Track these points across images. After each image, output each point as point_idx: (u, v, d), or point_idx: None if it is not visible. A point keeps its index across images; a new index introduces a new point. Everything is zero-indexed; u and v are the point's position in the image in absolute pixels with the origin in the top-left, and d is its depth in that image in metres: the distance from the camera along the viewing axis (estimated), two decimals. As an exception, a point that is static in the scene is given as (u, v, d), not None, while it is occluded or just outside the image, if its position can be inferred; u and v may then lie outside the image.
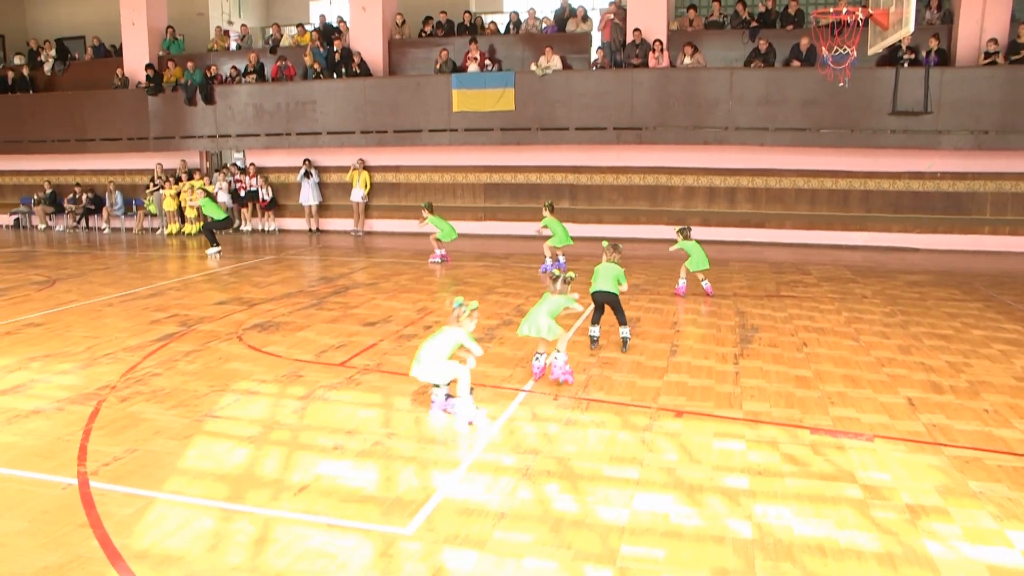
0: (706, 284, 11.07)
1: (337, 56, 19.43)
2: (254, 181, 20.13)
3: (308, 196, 19.81)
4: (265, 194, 20.13)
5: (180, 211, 20.34)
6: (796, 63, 16.59)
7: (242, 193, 20.29)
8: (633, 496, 4.79)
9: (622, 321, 8.15)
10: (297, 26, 21.91)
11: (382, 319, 9.75)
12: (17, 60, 23.68)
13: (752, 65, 16.66)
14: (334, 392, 6.87)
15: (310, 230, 20.12)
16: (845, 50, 11.68)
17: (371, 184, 19.60)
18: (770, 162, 17.15)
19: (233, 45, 21.99)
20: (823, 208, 17.09)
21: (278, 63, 19.89)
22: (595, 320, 8.30)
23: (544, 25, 19.48)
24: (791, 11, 17.69)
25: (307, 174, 19.59)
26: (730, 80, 16.48)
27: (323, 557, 4.12)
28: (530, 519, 4.51)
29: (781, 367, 7.57)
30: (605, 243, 8.57)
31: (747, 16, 17.87)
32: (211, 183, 20.18)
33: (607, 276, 8.07)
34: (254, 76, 20.04)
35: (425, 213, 14.33)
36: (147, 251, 17.24)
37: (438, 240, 14.45)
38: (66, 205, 22.15)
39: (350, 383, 7.12)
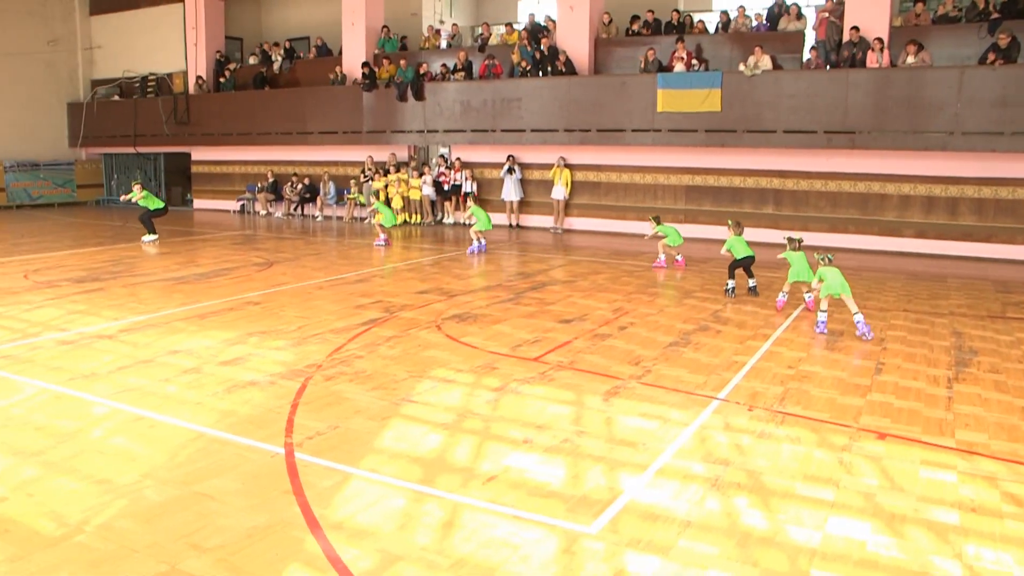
0: (679, 257, 14.18)
1: (543, 55, 19.73)
2: (459, 175, 20.81)
3: (510, 192, 20.25)
4: (470, 188, 20.73)
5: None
6: (1044, 59, 15.04)
7: (446, 187, 21.03)
8: (827, 518, 4.57)
9: (752, 275, 11.37)
10: (506, 25, 22.42)
11: (577, 317, 9.83)
12: (252, 60, 25.73)
13: (989, 62, 15.34)
14: (527, 386, 6.99)
15: (510, 225, 20.56)
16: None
17: (572, 182, 19.77)
18: (1002, 170, 15.75)
19: (444, 43, 22.83)
20: (1063, 223, 15.56)
21: (486, 61, 20.44)
22: (732, 275, 11.33)
23: (755, 23, 18.91)
24: (1045, 0, 15.98)
25: (510, 170, 20.03)
26: (960, 80, 15.28)
27: (506, 547, 4.20)
28: (716, 531, 4.40)
29: (1004, 396, 6.95)
30: (730, 221, 11.60)
31: (988, 7, 16.38)
32: (419, 176, 21.06)
33: (745, 246, 11.21)
34: (463, 74, 20.71)
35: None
36: (355, 239, 18.23)
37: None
38: (284, 193, 23.83)
39: (543, 378, 7.23)
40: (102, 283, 12.00)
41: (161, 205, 17.50)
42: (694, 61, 18.21)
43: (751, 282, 11.39)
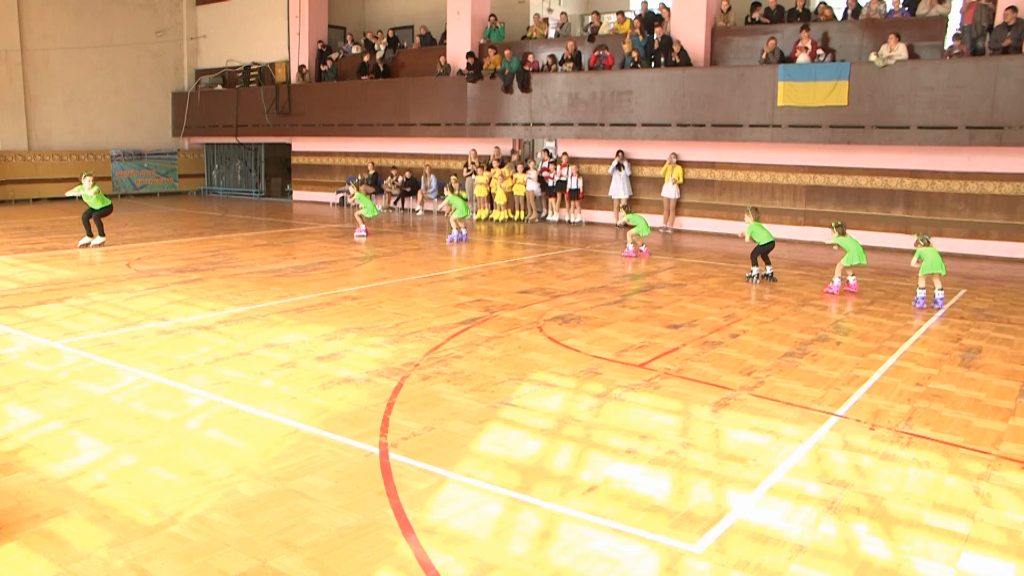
0: (644, 248, 15.46)
1: (657, 44, 19.55)
2: (565, 171, 20.79)
3: (618, 189, 20.13)
4: (576, 184, 20.68)
5: (490, 197, 21.52)
6: None
7: (550, 183, 21.05)
8: (960, 553, 4.37)
9: (769, 262, 12.71)
10: (617, 13, 22.29)
11: (687, 322, 9.71)
12: (354, 50, 26.31)
13: None
14: (631, 393, 6.95)
15: (617, 224, 20.44)
16: None
17: (684, 180, 19.53)
18: None
19: (551, 33, 22.86)
20: None
21: (597, 52, 20.37)
22: (755, 262, 12.60)
23: (890, 8, 18.27)
24: None
25: (619, 166, 19.92)
26: None
27: (605, 561, 4.19)
28: (832, 558, 4.28)
29: None
30: (749, 207, 12.83)
31: None
32: (524, 171, 21.14)
33: (766, 232, 12.49)
34: (571, 64, 20.70)
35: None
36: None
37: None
38: (385, 186, 24.28)
39: (648, 386, 7.18)
40: (201, 274, 12.50)
41: (108, 204, 15.75)
42: (819, 51, 17.74)
43: (768, 269, 12.70)
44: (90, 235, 15.69)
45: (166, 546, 4.24)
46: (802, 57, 17.61)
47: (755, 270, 12.63)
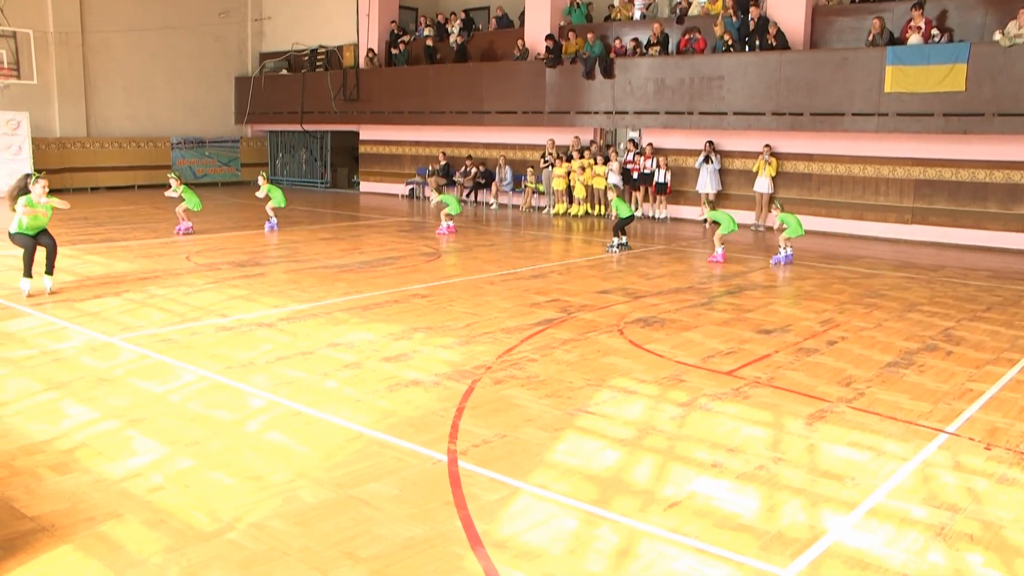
0: (451, 223, 17.50)
1: (752, 26, 19.29)
2: (650, 163, 20.65)
3: (706, 183, 19.92)
4: (664, 178, 20.50)
5: (569, 191, 21.50)
6: None
7: (635, 175, 20.93)
8: (1086, 587, 4.24)
9: (626, 233, 15.60)
10: (710, -8, 22.08)
11: (779, 327, 9.59)
12: (427, 33, 26.53)
13: None
14: (718, 403, 6.90)
15: (705, 221, 20.22)
16: None
17: (778, 173, 19.23)
18: None
19: (637, 14, 22.70)
20: None
21: (687, 35, 20.16)
22: (616, 234, 15.40)
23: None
24: None
25: (707, 159, 19.71)
26: None
27: (689, 583, 4.17)
28: (941, 588, 4.19)
29: None
30: (614, 185, 16.69)
31: None
32: (604, 162, 21.07)
33: (628, 207, 15.62)
34: (657, 48, 20.54)
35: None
36: (532, 230, 18.50)
37: None
38: (457, 178, 24.44)
39: (737, 395, 7.11)
40: (263, 268, 12.78)
41: None
42: (934, 31, 17.28)
43: (623, 238, 15.42)
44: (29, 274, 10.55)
45: (223, 554, 4.33)
46: (914, 38, 17.18)
47: (615, 240, 15.36)
